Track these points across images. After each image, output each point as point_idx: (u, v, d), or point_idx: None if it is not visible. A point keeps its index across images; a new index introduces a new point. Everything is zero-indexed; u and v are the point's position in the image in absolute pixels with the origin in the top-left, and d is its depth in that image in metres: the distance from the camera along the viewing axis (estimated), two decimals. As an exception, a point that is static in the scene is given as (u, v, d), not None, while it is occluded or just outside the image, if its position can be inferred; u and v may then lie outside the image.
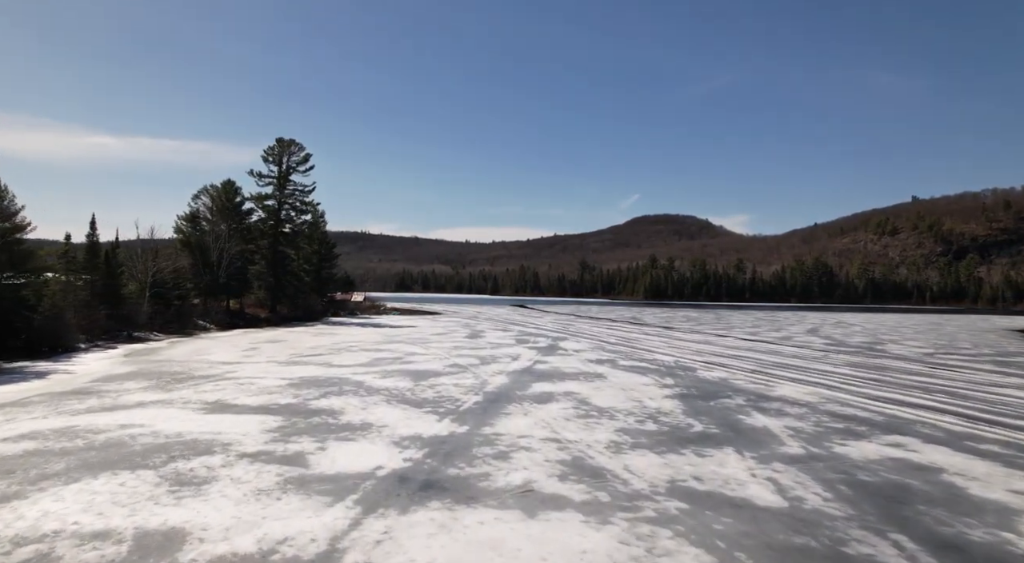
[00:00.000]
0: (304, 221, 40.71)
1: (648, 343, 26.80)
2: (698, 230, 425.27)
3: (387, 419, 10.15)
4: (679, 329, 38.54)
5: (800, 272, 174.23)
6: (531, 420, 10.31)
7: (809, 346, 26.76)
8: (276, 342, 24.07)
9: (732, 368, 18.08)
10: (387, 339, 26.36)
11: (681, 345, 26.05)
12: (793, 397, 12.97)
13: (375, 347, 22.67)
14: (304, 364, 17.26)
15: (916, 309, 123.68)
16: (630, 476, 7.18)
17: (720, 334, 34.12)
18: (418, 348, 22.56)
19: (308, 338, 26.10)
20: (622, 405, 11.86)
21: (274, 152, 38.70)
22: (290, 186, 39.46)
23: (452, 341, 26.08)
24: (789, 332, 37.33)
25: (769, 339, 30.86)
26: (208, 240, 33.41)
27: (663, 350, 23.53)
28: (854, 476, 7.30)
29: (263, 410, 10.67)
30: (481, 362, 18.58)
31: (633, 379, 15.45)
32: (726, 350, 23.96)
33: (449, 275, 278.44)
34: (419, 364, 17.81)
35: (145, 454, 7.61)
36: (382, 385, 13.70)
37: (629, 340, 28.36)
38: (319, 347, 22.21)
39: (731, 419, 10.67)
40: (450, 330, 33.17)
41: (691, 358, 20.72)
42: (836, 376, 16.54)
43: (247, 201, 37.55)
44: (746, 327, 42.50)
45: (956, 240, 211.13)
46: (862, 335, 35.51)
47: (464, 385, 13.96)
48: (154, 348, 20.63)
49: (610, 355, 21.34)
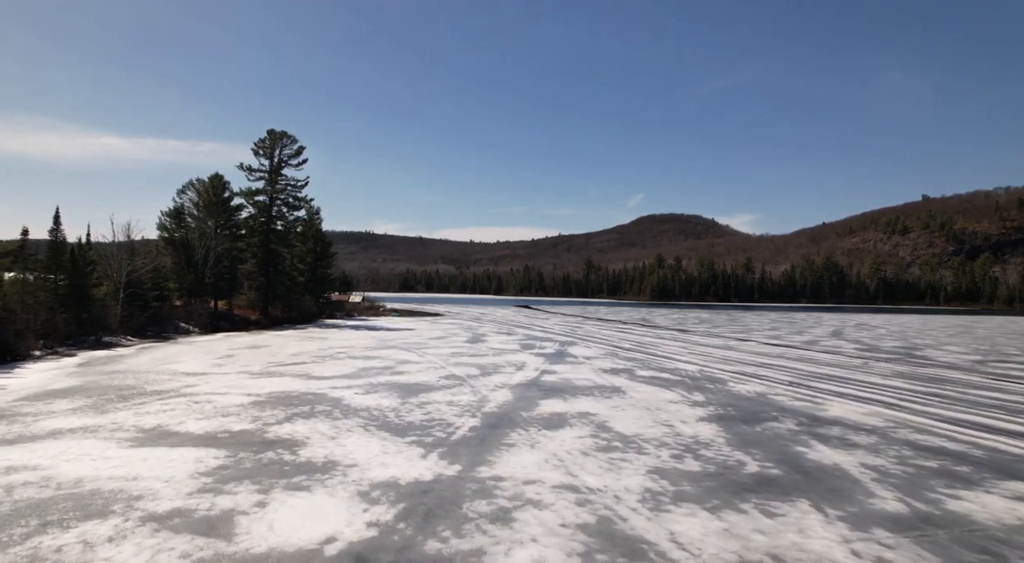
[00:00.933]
0: (297, 218, 38.69)
1: (665, 348, 24.62)
2: (704, 229, 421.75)
3: (359, 454, 8.08)
4: (694, 332, 36.32)
5: (810, 272, 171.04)
6: (540, 455, 8.22)
7: (840, 351, 24.52)
8: (257, 348, 22.05)
9: (766, 380, 15.90)
10: (380, 344, 24.30)
11: (702, 351, 23.87)
12: (853, 420, 10.81)
13: (365, 354, 20.60)
14: (279, 375, 15.20)
15: (932, 310, 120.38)
16: (683, 556, 5.06)
17: (740, 338, 31.88)
18: (412, 355, 20.48)
19: (294, 343, 24.07)
20: (650, 431, 9.74)
21: (265, 145, 36.68)
22: (282, 180, 37.44)
23: (451, 347, 24.00)
24: (812, 335, 35.04)
25: (793, 343, 28.62)
26: (193, 238, 31.46)
27: (683, 357, 21.36)
28: (1007, 561, 5.13)
29: (207, 441, 8.61)
30: (481, 372, 16.48)
31: (657, 394, 13.32)
32: (752, 357, 21.77)
33: (453, 275, 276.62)
34: (411, 375, 15.73)
35: (6, 520, 5.53)
36: (363, 403, 11.63)
37: (643, 345, 26.19)
38: (302, 354, 20.16)
39: (789, 453, 8.54)
40: (450, 334, 31.09)
41: (716, 367, 18.56)
42: (890, 391, 14.33)
43: (236, 196, 35.57)
44: (764, 329, 40.22)
45: (969, 239, 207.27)
46: (892, 339, 33.18)
47: (460, 403, 11.87)
48: (117, 356, 18.63)
49: (625, 363, 19.20)
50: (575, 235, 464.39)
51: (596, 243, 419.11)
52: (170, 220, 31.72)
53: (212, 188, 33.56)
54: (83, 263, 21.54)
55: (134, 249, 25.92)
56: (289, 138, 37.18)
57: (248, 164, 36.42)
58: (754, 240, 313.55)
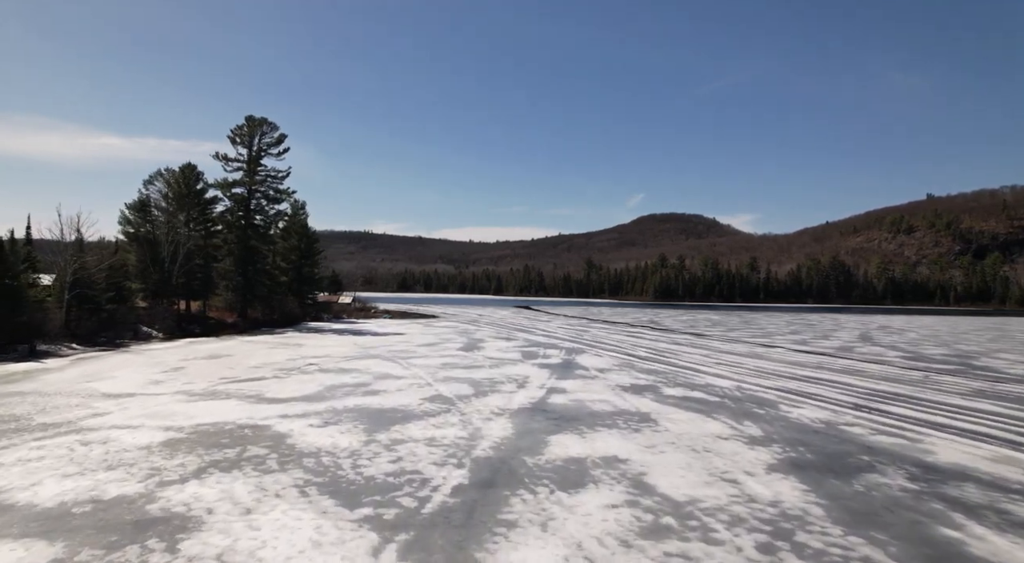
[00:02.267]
0: (278, 212, 35.70)
1: (686, 357, 21.67)
2: (705, 229, 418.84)
3: (273, 551, 5.14)
4: (711, 336, 33.38)
5: (816, 271, 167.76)
6: (557, 547, 5.30)
7: (886, 360, 21.60)
8: (216, 358, 19.09)
9: (824, 401, 12.97)
10: (361, 353, 21.36)
11: (729, 360, 20.93)
12: (983, 470, 7.89)
13: (340, 366, 17.66)
14: (223, 397, 12.26)
15: (944, 310, 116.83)
16: None
17: (763, 343, 28.95)
18: (396, 367, 17.53)
19: (262, 351, 21.12)
20: (709, 493, 6.83)
21: (243, 132, 33.68)
22: (262, 171, 34.43)
23: (442, 355, 21.06)
24: (840, 340, 32.13)
25: (824, 349, 25.70)
26: (160, 233, 28.48)
27: (710, 368, 18.42)
28: None
29: (49, 521, 5.69)
30: (475, 391, 13.54)
31: (698, 425, 10.40)
32: (789, 368, 18.82)
33: (452, 275, 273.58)
34: (388, 396, 12.79)
35: None
36: (313, 444, 8.70)
37: (660, 353, 23.25)
38: (266, 366, 17.21)
39: (937, 541, 5.63)
40: (443, 339, 28.14)
41: (754, 382, 15.62)
42: (990, 419, 11.40)
43: (211, 188, 32.59)
44: (784, 334, 37.28)
45: (975, 239, 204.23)
46: (931, 344, 30.26)
47: (444, 441, 8.95)
48: (36, 370, 15.67)
49: (646, 377, 16.25)
50: (575, 235, 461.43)
51: (596, 243, 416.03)
52: (134, 214, 28.69)
53: (183, 179, 30.58)
54: (15, 259, 18.60)
55: (83, 245, 22.94)
56: (269, 125, 34.18)
57: (224, 153, 33.45)
58: (756, 240, 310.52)
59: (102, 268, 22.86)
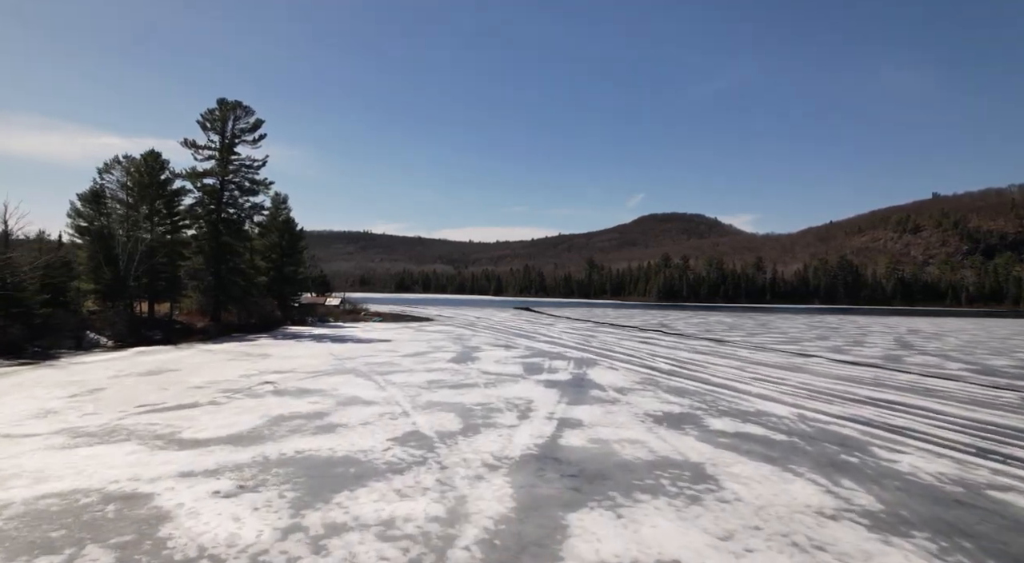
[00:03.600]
0: (254, 205, 32.36)
1: (716, 371, 18.45)
2: (707, 229, 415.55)
3: None
4: (732, 342, 30.16)
5: (823, 271, 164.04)
6: None
7: (951, 375, 18.40)
8: (154, 374, 15.86)
9: (927, 441, 9.77)
10: (334, 366, 18.15)
11: (767, 374, 17.72)
12: None
13: (301, 385, 14.45)
14: (120, 440, 9.07)
15: (959, 312, 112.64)
16: None
17: (793, 350, 25.76)
18: (370, 387, 14.32)
19: (216, 365, 17.90)
20: None
21: (214, 117, 30.43)
22: (235, 160, 31.20)
23: (429, 369, 17.86)
24: (877, 347, 28.95)
25: (868, 359, 22.52)
26: (116, 227, 25.26)
27: (750, 385, 15.22)
28: None
29: None
30: (463, 426, 10.34)
31: (777, 486, 7.22)
32: (846, 386, 15.62)
33: (451, 275, 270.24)
34: (346, 436, 9.59)
35: None
36: (197, 538, 5.50)
37: (684, 364, 20.03)
38: (208, 387, 14.00)
39: None
40: (434, 347, 24.93)
41: (816, 407, 12.45)
42: None
43: (178, 178, 29.37)
44: (810, 338, 34.09)
45: (984, 238, 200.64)
46: (985, 352, 27.07)
47: (406, 530, 5.77)
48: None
49: (679, 400, 13.06)
50: (575, 235, 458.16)
51: (597, 242, 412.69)
52: (87, 205, 25.44)
53: (146, 167, 27.35)
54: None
55: (9, 240, 19.74)
56: (244, 109, 30.92)
57: (193, 140, 30.16)
58: (759, 239, 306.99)
59: (36, 266, 19.66)
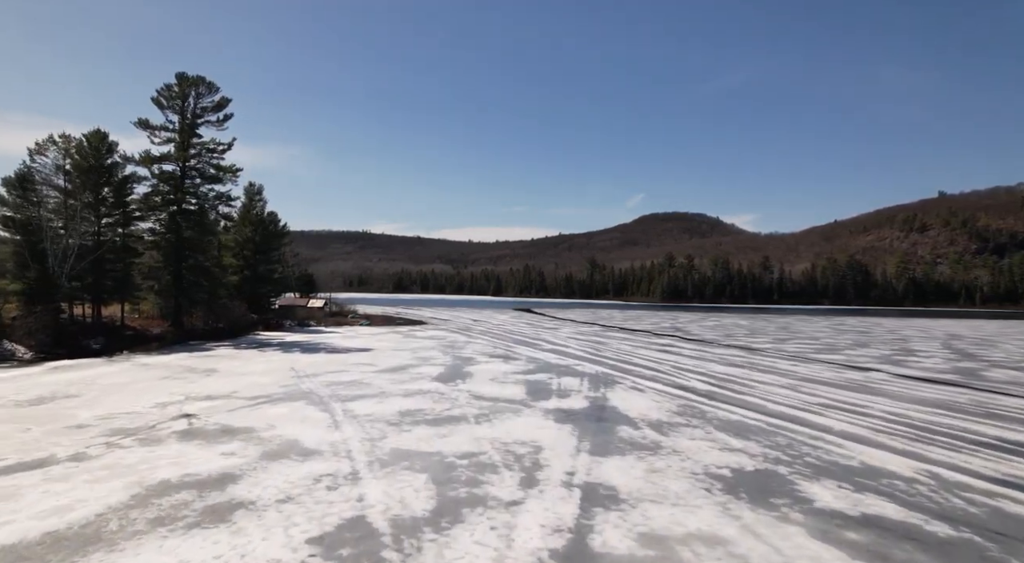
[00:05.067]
0: (219, 193, 28.50)
1: (768, 392, 14.71)
2: (709, 228, 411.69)
3: None
4: (764, 350, 26.44)
5: (832, 271, 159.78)
6: None
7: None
8: (39, 403, 12.13)
9: None
10: (286, 389, 14.41)
11: (836, 399, 14.00)
12: None
13: (227, 421, 10.73)
14: None
15: (984, 314, 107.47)
16: None
17: (840, 361, 22.06)
18: (319, 425, 10.60)
19: (138, 387, 14.13)
20: None
21: (172, 94, 26.65)
22: (197, 143, 27.43)
23: (406, 392, 14.15)
24: (935, 356, 25.23)
25: (939, 374, 18.81)
26: (47, 217, 21.52)
27: (828, 419, 11.50)
28: None
29: None
30: (435, 508, 6.65)
31: None
32: (955, 420, 11.90)
33: (450, 275, 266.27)
34: (239, 532, 5.89)
35: None
36: None
37: (722, 381, 16.29)
38: (97, 424, 10.27)
39: None
40: (420, 358, 21.20)
41: (944, 459, 8.79)
42: None
43: (129, 163, 25.61)
44: (850, 346, 30.37)
45: (993, 237, 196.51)
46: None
47: None
48: None
49: (745, 447, 9.36)
50: (576, 234, 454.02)
51: (598, 242, 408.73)
52: (12, 192, 21.64)
53: (90, 149, 23.63)
54: None
55: None
56: (207, 85, 27.14)
57: (147, 119, 26.35)
58: (762, 239, 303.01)
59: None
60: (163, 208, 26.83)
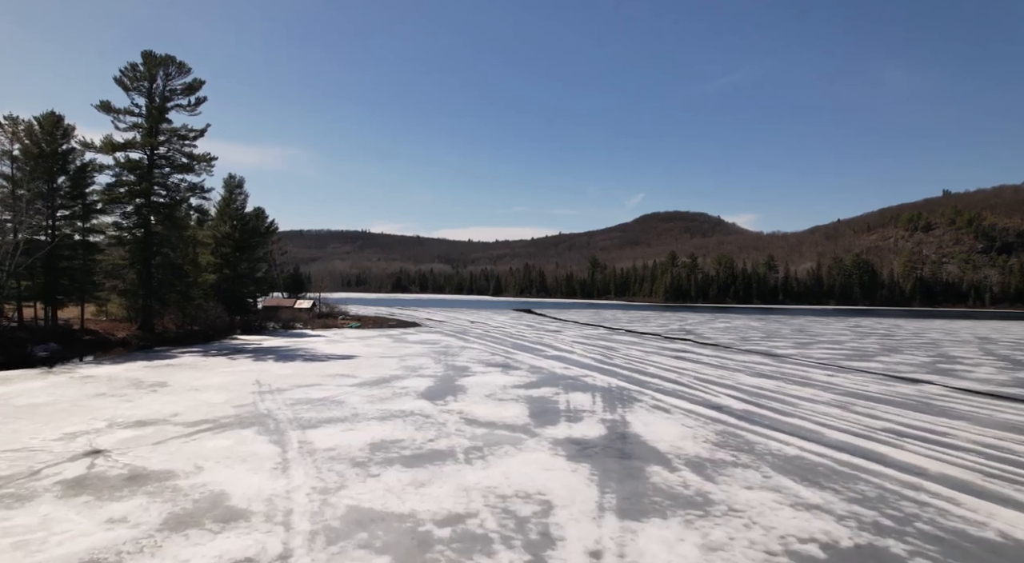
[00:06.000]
0: (192, 185, 26.08)
1: (816, 413, 12.31)
2: (710, 227, 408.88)
3: None
4: (790, 357, 24.04)
5: (838, 271, 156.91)
6: None
7: None
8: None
9: None
10: (240, 409, 12.03)
11: (901, 423, 11.63)
12: None
13: (146, 459, 8.39)
14: None
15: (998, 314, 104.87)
16: None
17: (883, 371, 19.66)
18: (260, 468, 8.23)
19: (60, 407, 11.76)
20: None
21: (137, 74, 24.26)
22: (166, 129, 25.04)
23: (383, 415, 11.78)
24: (984, 364, 22.86)
25: (1000, 386, 16.42)
26: (-12, 208, 19.15)
27: (909, 455, 9.16)
28: None
29: None
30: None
31: None
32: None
33: (449, 275, 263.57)
34: None
35: None
36: None
37: (761, 400, 13.89)
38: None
39: None
40: (408, 369, 18.81)
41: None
42: None
43: (89, 150, 23.22)
44: (878, 352, 27.99)
45: (999, 236, 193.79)
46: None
47: None
48: None
49: (823, 501, 6.95)
50: (576, 234, 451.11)
51: (598, 242, 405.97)
52: (-53, 179, 19.30)
53: (42, 133, 21.25)
54: None
55: None
56: (177, 66, 24.74)
57: (108, 102, 23.91)
58: (765, 238, 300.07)
59: None
60: (128, 200, 24.44)
